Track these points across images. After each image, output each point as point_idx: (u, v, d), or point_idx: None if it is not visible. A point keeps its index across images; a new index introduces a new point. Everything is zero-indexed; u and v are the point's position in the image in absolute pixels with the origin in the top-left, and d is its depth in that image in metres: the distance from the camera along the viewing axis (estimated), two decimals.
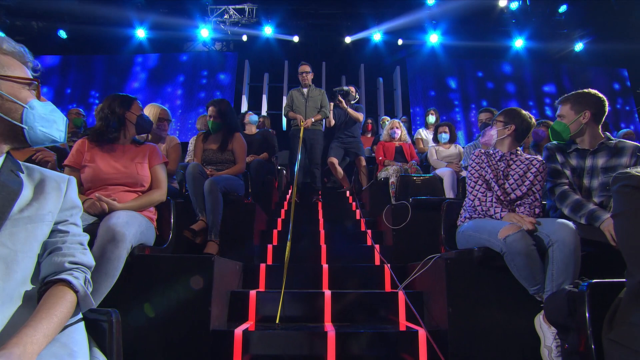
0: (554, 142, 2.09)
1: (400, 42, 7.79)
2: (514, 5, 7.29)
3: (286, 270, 2.21)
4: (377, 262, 2.67)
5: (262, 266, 2.35)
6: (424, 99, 7.85)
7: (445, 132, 4.09)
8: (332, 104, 4.35)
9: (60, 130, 0.89)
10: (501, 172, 2.02)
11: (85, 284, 0.87)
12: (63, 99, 7.71)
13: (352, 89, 4.51)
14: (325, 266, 2.37)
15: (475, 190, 2.00)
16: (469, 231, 1.91)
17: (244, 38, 7.61)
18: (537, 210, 1.94)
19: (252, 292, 2.00)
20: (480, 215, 1.96)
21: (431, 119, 5.16)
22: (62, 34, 7.40)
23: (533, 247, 1.59)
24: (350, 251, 2.78)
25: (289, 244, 2.21)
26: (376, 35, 7.69)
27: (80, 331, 0.84)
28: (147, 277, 1.67)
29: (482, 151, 2.10)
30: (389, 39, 7.78)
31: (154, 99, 7.68)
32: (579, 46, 7.71)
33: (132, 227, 1.59)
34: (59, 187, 0.90)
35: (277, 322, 1.92)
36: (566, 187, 1.91)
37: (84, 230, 1.63)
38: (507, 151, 2.06)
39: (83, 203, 1.73)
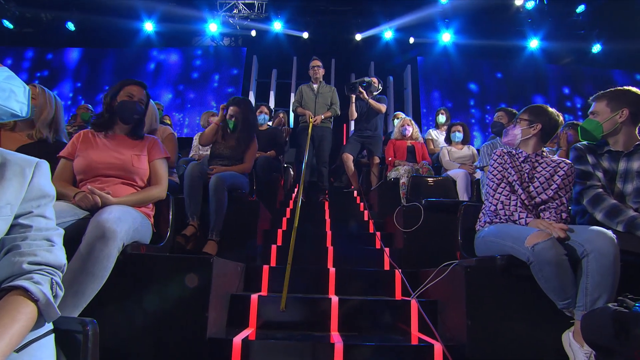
0: (584, 142, 1.93)
1: (411, 40, 7.61)
2: (530, 5, 7.07)
3: (288, 272, 2.08)
4: (387, 266, 2.53)
5: (265, 268, 2.21)
6: (435, 99, 7.66)
7: (458, 132, 3.92)
8: (353, 96, 4.15)
9: (21, 102, 0.74)
10: (526, 175, 1.86)
11: (52, 288, 0.72)
12: (74, 92, 7.66)
13: (375, 79, 4.34)
14: (332, 270, 2.23)
15: (498, 193, 1.83)
16: (490, 237, 1.75)
17: (253, 33, 7.49)
18: (564, 215, 1.78)
19: (254, 296, 1.86)
20: (502, 220, 1.80)
21: (441, 118, 4.98)
22: (70, 26, 7.33)
23: (564, 256, 1.44)
24: (358, 254, 2.64)
25: (292, 244, 2.07)
26: (387, 33, 7.52)
27: (47, 348, 0.69)
28: (140, 277, 1.54)
29: (505, 151, 1.94)
30: (400, 37, 7.60)
31: (161, 94, 7.62)
32: (596, 48, 7.46)
33: (125, 223, 1.47)
34: (23, 172, 0.75)
35: (282, 308, 1.79)
36: (600, 190, 1.75)
37: (72, 225, 1.53)
38: (531, 152, 1.90)
39: (74, 196, 1.62)
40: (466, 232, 2.01)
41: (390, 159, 3.97)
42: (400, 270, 2.21)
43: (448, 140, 4.04)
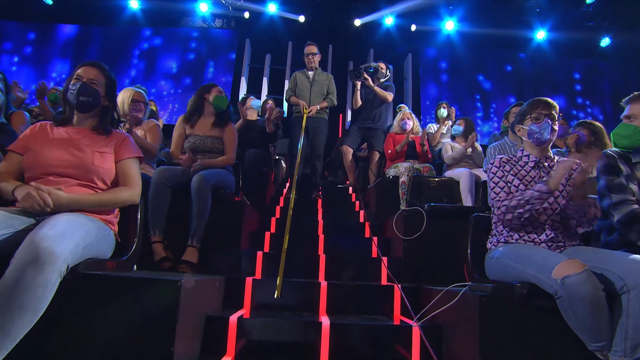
0: (616, 149, 1.68)
1: (413, 27, 7.25)
2: None
3: (280, 284, 1.84)
4: (384, 279, 2.29)
5: (249, 281, 1.96)
6: (437, 91, 7.35)
7: (457, 124, 3.67)
8: (358, 82, 3.90)
9: None
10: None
11: None
12: (53, 73, 7.22)
13: (382, 65, 4.05)
14: (323, 284, 1.98)
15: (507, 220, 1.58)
16: (506, 260, 1.51)
17: (246, 15, 7.07)
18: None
19: (233, 319, 1.62)
20: (519, 240, 1.56)
21: (443, 112, 4.70)
22: None
23: (602, 292, 1.20)
24: (353, 264, 2.39)
25: (282, 258, 1.82)
26: (388, 19, 7.15)
27: None
28: (93, 303, 1.27)
29: (505, 159, 1.66)
30: (401, 23, 7.24)
31: (149, 78, 7.23)
32: (605, 41, 7.17)
33: (71, 240, 1.19)
34: None
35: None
36: (635, 205, 1.51)
37: (6, 241, 1.25)
38: (541, 155, 1.65)
39: (13, 191, 1.35)
40: (476, 248, 1.77)
41: (390, 151, 3.69)
42: (399, 286, 1.97)
43: (452, 136, 3.79)
